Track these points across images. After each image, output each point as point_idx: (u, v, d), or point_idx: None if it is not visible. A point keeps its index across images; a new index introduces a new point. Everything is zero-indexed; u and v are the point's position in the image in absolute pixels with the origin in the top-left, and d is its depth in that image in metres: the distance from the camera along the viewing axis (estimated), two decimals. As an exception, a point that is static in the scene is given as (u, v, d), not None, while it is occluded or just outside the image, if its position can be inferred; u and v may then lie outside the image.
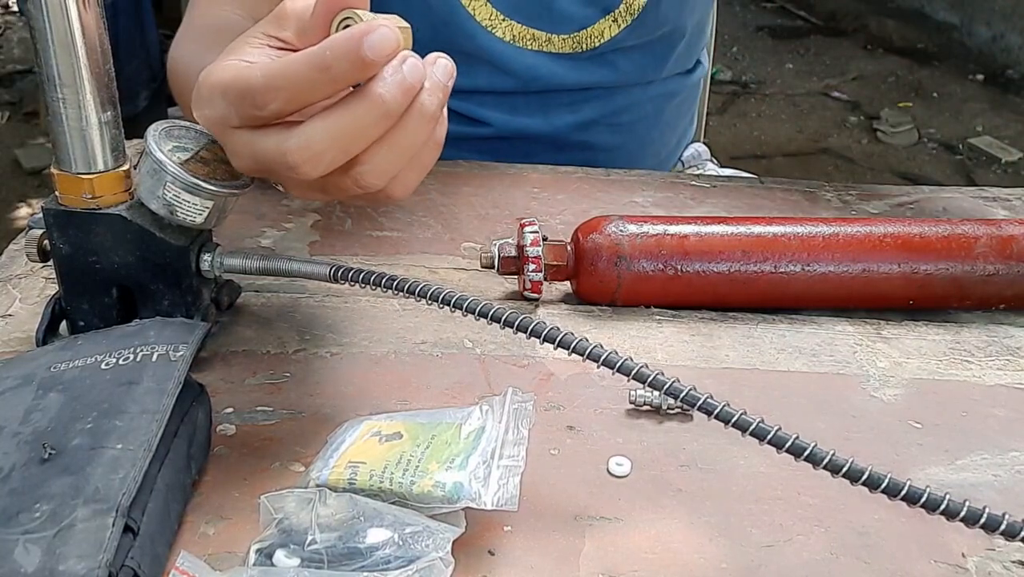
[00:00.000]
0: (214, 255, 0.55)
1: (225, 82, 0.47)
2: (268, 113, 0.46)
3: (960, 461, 0.52)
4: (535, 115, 0.93)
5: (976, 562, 0.45)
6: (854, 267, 0.62)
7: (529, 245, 0.61)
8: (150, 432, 0.43)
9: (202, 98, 0.49)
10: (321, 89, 0.45)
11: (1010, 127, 3.43)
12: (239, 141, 0.48)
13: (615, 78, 0.92)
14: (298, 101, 0.46)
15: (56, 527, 0.39)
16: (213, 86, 0.48)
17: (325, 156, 0.45)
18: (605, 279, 0.62)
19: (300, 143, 0.45)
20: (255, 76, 0.46)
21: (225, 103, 0.47)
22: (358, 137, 0.45)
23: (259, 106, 0.46)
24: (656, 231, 0.62)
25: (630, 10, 0.88)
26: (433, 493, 0.42)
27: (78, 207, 0.52)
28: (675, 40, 0.95)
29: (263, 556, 0.41)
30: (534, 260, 0.62)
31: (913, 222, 0.64)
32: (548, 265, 0.62)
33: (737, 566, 0.44)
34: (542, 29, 0.89)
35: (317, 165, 0.46)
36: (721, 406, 0.43)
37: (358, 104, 0.45)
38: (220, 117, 0.48)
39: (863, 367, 0.59)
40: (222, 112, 0.48)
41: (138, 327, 0.51)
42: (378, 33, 0.43)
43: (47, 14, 0.48)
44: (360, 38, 0.43)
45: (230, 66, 0.48)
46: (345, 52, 0.43)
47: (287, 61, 0.45)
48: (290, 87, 0.45)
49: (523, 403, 0.47)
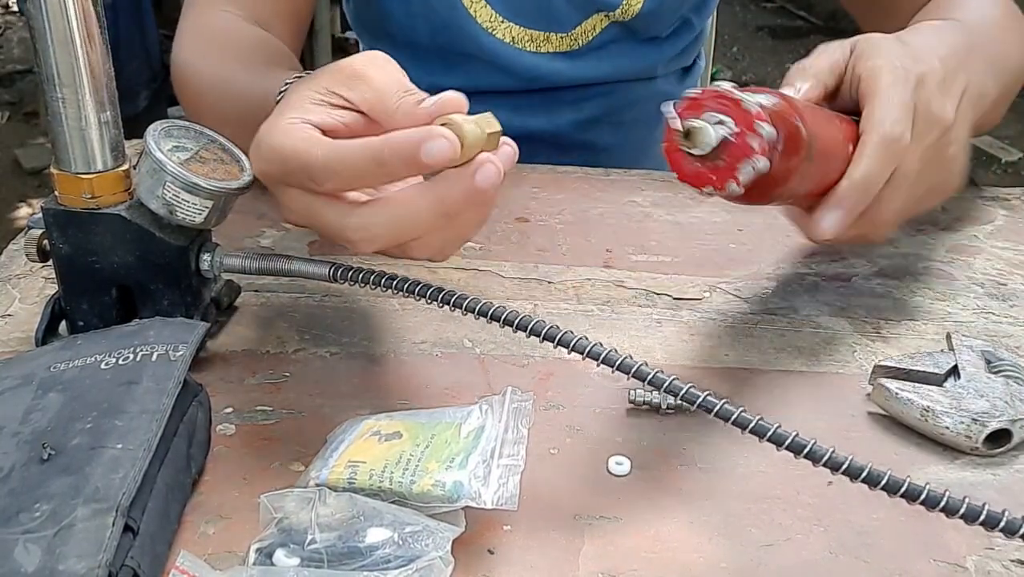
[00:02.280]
0: (214, 255, 0.55)
1: (287, 152, 0.48)
2: (325, 189, 0.48)
3: (959, 460, 0.52)
4: (538, 114, 0.93)
5: (975, 561, 0.45)
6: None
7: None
8: (150, 432, 0.43)
9: (261, 155, 0.49)
10: (376, 179, 0.47)
11: (1010, 127, 3.43)
12: (296, 199, 0.49)
13: (615, 73, 0.92)
14: (354, 185, 0.48)
15: (56, 527, 0.39)
16: (274, 149, 0.48)
17: (381, 239, 0.47)
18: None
19: (359, 224, 0.47)
20: (316, 156, 0.47)
21: (284, 168, 0.48)
22: (416, 227, 0.47)
23: (317, 182, 0.47)
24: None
25: (626, 13, 0.89)
26: (433, 492, 0.42)
27: (78, 207, 0.52)
28: (675, 36, 0.95)
29: (263, 555, 0.41)
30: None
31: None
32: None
33: (736, 565, 0.44)
34: (540, 29, 0.89)
35: (372, 244, 0.48)
36: (721, 404, 0.43)
37: (421, 199, 0.46)
38: (278, 176, 0.49)
39: (862, 366, 0.59)
40: (280, 172, 0.49)
41: (138, 327, 0.51)
42: (436, 144, 0.44)
43: (47, 14, 0.48)
44: (419, 143, 0.44)
45: (292, 131, 0.48)
46: (402, 153, 0.45)
47: (347, 148, 0.46)
48: (346, 173, 0.46)
49: (523, 402, 0.47)
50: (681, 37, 0.96)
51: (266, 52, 0.78)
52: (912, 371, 0.54)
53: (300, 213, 0.50)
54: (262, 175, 0.51)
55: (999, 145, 3.28)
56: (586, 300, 0.65)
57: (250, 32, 0.80)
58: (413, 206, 0.46)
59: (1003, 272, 0.71)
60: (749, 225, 0.76)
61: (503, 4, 0.88)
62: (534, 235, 0.73)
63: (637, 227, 0.75)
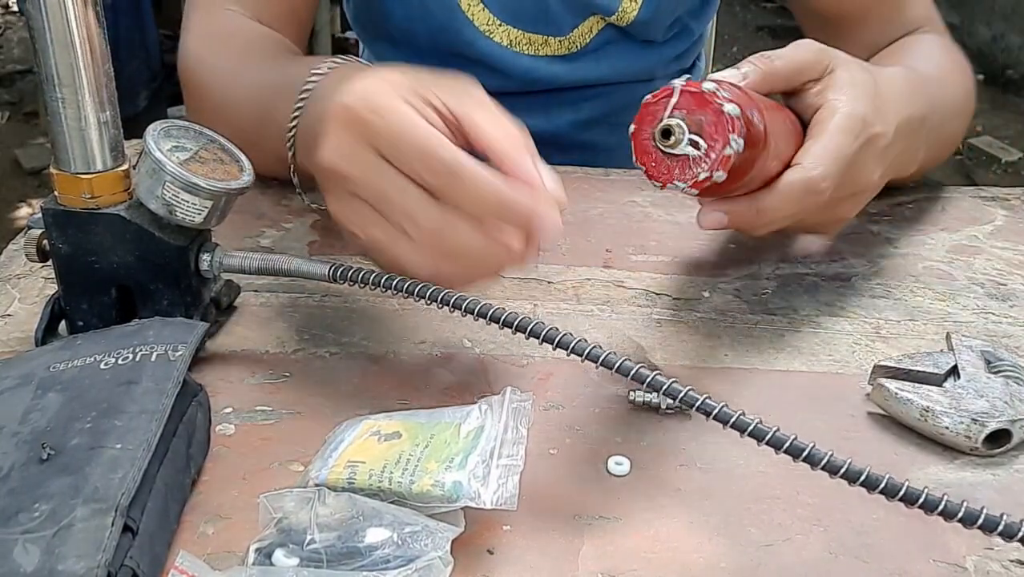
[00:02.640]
0: (213, 255, 0.55)
1: (409, 127, 0.48)
2: (422, 181, 0.48)
3: (959, 460, 0.52)
4: (536, 115, 0.93)
5: (975, 561, 0.45)
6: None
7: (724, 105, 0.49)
8: (149, 432, 0.43)
9: (355, 117, 0.49)
10: (475, 207, 0.48)
11: (1010, 127, 3.43)
12: (379, 175, 0.49)
13: (613, 75, 0.92)
14: (452, 196, 0.48)
15: (55, 527, 0.39)
16: (391, 122, 0.48)
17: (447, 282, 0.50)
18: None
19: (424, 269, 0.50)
20: (446, 153, 0.47)
21: (392, 139, 0.48)
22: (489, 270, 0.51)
23: (428, 172, 0.48)
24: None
25: (622, 19, 0.89)
26: (432, 492, 0.42)
27: (77, 207, 0.52)
28: (674, 40, 0.95)
29: (262, 556, 0.41)
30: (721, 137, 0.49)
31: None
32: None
33: (736, 565, 0.44)
34: (538, 33, 0.89)
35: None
36: (720, 407, 0.43)
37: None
38: (369, 136, 0.49)
39: (862, 366, 0.59)
40: (372, 138, 0.48)
41: (137, 327, 0.51)
42: (552, 222, 0.48)
43: (46, 14, 0.48)
44: (537, 215, 0.48)
45: (415, 114, 0.48)
46: (519, 210, 0.48)
47: (479, 170, 0.47)
48: (464, 188, 0.47)
49: (522, 402, 0.47)
50: (680, 41, 0.96)
51: (282, 46, 0.78)
52: (912, 371, 0.54)
53: (376, 186, 0.49)
54: (343, 126, 0.49)
55: (999, 145, 3.28)
56: (586, 300, 0.65)
57: (262, 29, 0.80)
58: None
59: (1003, 272, 0.71)
60: (749, 225, 0.76)
61: (500, 7, 0.88)
62: (534, 235, 0.73)
63: (637, 227, 0.75)
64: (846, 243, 0.74)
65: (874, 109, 0.59)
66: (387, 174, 0.49)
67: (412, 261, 0.50)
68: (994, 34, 3.86)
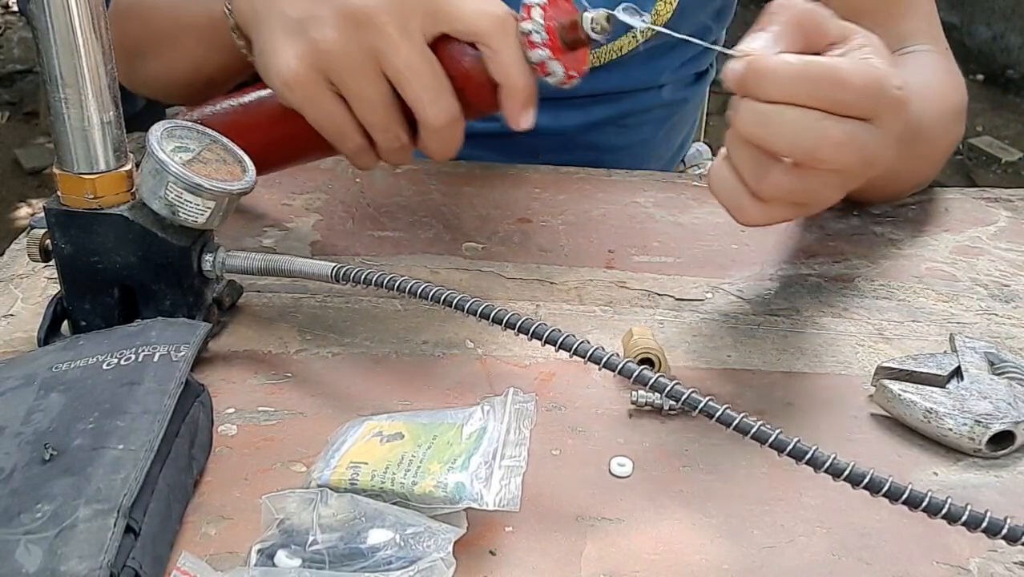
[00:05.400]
0: (216, 255, 0.55)
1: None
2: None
3: (962, 462, 0.52)
4: (544, 114, 0.92)
5: (978, 563, 0.45)
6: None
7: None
8: (152, 432, 0.43)
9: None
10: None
11: (1010, 127, 3.43)
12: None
13: (627, 84, 0.92)
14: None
15: (58, 527, 0.39)
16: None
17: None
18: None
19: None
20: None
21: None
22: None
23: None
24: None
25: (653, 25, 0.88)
26: (435, 493, 0.42)
27: (80, 207, 0.52)
28: (689, 46, 0.94)
29: (264, 556, 0.41)
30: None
31: None
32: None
33: (739, 567, 0.44)
34: None
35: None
36: (723, 409, 0.43)
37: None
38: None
39: (865, 367, 0.59)
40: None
41: (140, 327, 0.51)
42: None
43: (50, 14, 0.48)
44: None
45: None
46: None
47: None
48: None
49: (524, 403, 0.47)
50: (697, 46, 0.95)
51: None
52: (915, 372, 0.54)
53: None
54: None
55: (999, 145, 3.28)
56: (588, 301, 0.65)
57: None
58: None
59: (1006, 273, 0.71)
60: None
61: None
62: (536, 236, 0.73)
63: (639, 228, 0.75)
64: (849, 244, 0.74)
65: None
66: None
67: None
68: (994, 34, 3.86)
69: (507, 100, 0.57)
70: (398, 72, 0.55)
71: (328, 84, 0.56)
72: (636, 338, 0.57)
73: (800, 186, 0.51)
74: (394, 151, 0.59)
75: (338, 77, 0.55)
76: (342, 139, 0.58)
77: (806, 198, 0.53)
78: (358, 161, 0.61)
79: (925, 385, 0.53)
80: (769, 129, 0.49)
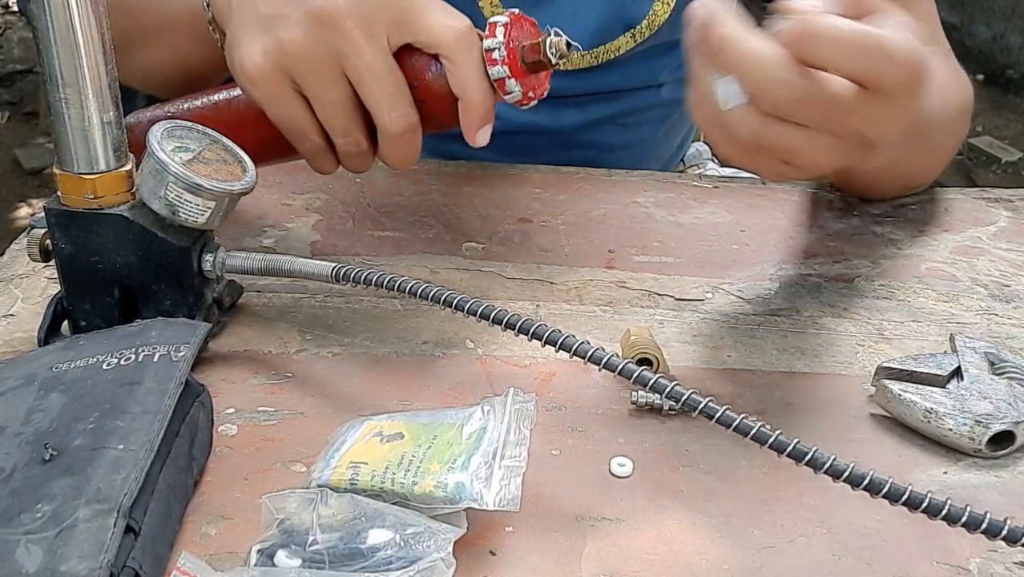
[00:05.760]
0: (216, 255, 0.55)
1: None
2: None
3: (962, 462, 0.52)
4: (542, 112, 0.93)
5: (978, 564, 0.45)
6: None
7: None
8: (152, 432, 0.43)
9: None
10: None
11: (1010, 127, 3.43)
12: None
13: (626, 83, 0.92)
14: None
15: (58, 527, 0.39)
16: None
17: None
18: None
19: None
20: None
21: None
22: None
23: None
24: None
25: (650, 26, 0.88)
26: (435, 494, 0.42)
27: (80, 207, 0.52)
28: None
29: (264, 556, 0.41)
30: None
31: None
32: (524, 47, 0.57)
33: (739, 567, 0.44)
34: None
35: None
36: (723, 410, 0.43)
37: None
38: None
39: (865, 367, 0.59)
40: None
41: (140, 327, 0.51)
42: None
43: (50, 14, 0.48)
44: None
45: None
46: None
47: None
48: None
49: (525, 403, 0.47)
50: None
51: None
52: (915, 372, 0.54)
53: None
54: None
55: (999, 145, 3.28)
56: (588, 301, 0.65)
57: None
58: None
59: (1006, 274, 0.71)
60: (751, 226, 0.76)
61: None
62: (536, 236, 0.73)
63: (640, 228, 0.75)
64: (849, 244, 0.74)
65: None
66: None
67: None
68: (994, 34, 3.86)
69: (464, 115, 0.57)
70: (359, 75, 0.55)
71: (291, 82, 0.56)
72: (634, 338, 0.57)
73: (796, 141, 0.49)
74: (353, 156, 0.60)
75: (301, 76, 0.56)
76: (300, 137, 0.59)
77: (793, 156, 0.50)
78: (316, 163, 0.61)
79: (925, 385, 0.53)
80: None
